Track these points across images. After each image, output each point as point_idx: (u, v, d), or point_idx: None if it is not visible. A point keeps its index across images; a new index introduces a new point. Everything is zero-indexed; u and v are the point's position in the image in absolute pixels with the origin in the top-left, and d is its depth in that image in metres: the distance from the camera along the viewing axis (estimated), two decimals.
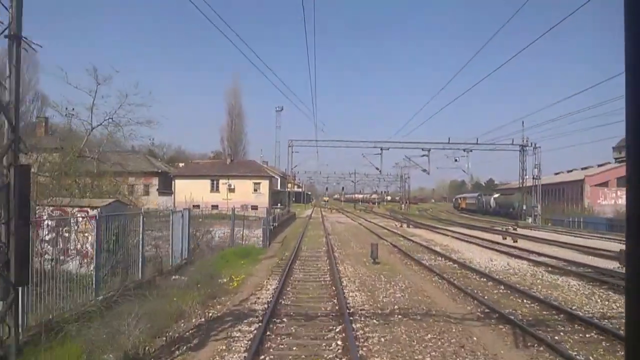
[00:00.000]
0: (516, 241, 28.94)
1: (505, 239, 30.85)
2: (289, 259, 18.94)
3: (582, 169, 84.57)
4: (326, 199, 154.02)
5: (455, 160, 55.40)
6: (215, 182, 56.38)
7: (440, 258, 20.83)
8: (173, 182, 56.02)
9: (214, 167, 58.27)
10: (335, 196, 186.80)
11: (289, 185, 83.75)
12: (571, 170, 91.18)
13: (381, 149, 55.01)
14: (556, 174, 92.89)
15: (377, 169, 56.50)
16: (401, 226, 43.44)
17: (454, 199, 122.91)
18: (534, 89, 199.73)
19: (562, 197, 77.43)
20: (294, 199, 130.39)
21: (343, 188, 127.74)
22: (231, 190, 55.67)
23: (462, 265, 18.42)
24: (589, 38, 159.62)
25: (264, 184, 56.65)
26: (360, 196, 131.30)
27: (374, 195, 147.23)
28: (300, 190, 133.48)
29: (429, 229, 41.11)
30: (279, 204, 74.88)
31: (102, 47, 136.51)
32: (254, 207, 55.68)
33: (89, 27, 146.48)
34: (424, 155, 55.66)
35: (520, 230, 40.47)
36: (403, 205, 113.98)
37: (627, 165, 1.32)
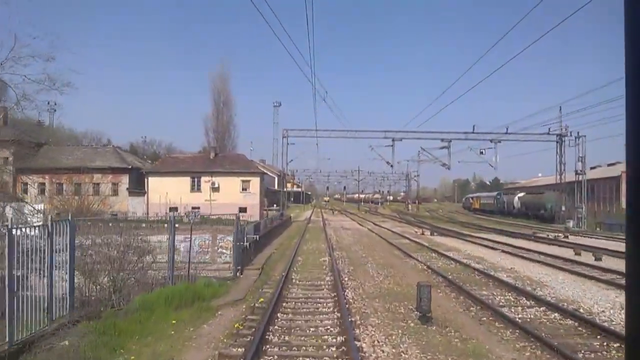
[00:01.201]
0: (600, 259, 20.32)
1: (579, 254, 22.22)
2: (266, 309, 10.31)
3: (609, 165, 76.03)
4: (326, 199, 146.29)
5: (481, 153, 46.84)
6: (196, 179, 47.64)
7: (529, 302, 12.06)
8: (146, 180, 47.36)
9: (195, 163, 49.47)
10: (336, 196, 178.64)
11: (288, 185, 75.22)
12: (595, 167, 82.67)
13: (393, 140, 46.37)
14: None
15: (387, 163, 47.85)
16: (422, 233, 34.74)
17: (464, 199, 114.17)
18: (571, 72, 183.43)
19: (591, 197, 69.01)
20: (292, 200, 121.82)
21: (345, 187, 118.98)
22: (215, 189, 46.99)
23: (595, 327, 9.69)
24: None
25: (254, 182, 47.92)
26: (362, 196, 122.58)
27: (376, 195, 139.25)
28: (299, 190, 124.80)
29: (459, 237, 32.42)
30: (274, 205, 66.32)
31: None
32: (243, 210, 47.06)
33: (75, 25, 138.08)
34: (443, 147, 47.00)
35: (574, 239, 31.80)
36: (410, 206, 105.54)
37: (626, 165, 1.29)
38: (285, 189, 62.40)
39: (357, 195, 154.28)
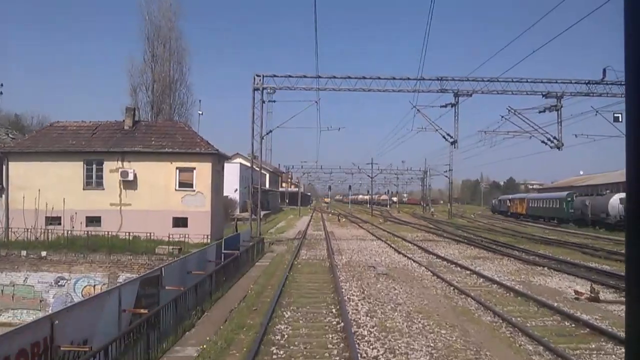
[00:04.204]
0: None
1: None
2: None
3: None
4: (327, 200, 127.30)
5: (615, 120, 25.90)
6: (95, 166, 26.34)
7: None
8: (5, 167, 26.07)
9: (95, 137, 27.90)
10: (337, 197, 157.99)
11: (284, 184, 53.47)
12: None
13: (456, 96, 25.14)
14: None
15: (446, 137, 26.44)
16: (594, 296, 13.22)
17: (494, 201, 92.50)
18: None
19: None
20: (287, 202, 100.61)
21: (350, 187, 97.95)
22: (129, 183, 25.72)
23: None
24: None
25: (202, 171, 26.62)
26: (367, 197, 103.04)
27: (383, 196, 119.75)
28: (295, 190, 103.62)
29: None
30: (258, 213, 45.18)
31: None
32: (181, 222, 25.89)
33: None
34: (545, 110, 25.94)
35: None
36: (432, 210, 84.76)
37: (626, 165, 1.29)
38: (253, 186, 40.69)
39: (360, 196, 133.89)
